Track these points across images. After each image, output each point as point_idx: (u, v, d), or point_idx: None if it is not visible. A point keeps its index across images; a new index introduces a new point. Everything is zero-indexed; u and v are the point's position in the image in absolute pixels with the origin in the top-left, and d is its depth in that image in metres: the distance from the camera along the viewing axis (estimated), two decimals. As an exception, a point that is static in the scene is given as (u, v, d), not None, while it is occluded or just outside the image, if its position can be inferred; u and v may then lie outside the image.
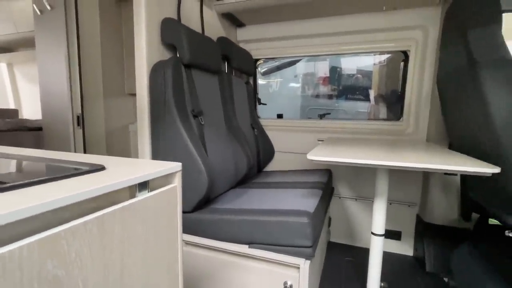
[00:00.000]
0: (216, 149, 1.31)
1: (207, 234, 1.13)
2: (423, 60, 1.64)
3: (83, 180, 0.41)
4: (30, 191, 0.35)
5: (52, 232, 0.32)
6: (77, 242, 0.35)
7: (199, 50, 1.28)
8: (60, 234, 0.33)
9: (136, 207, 0.44)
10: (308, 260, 1.00)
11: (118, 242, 0.41)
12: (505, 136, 0.90)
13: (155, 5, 1.18)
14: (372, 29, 1.72)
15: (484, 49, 0.96)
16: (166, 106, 1.14)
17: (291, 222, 1.00)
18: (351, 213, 1.85)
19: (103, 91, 1.80)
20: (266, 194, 1.33)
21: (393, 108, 2.10)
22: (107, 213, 0.38)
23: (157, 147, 1.17)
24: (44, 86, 1.55)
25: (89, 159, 0.56)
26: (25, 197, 0.33)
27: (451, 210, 1.53)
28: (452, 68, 1.17)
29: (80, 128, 1.54)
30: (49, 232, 0.32)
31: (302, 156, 1.94)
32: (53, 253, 0.32)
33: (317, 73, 2.97)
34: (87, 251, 0.36)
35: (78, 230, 0.35)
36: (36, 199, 0.32)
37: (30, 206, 0.30)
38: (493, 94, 0.91)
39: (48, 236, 0.31)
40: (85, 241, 0.36)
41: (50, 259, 0.32)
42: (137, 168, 0.50)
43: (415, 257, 1.68)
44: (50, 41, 1.48)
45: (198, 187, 1.10)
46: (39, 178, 0.38)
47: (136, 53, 1.16)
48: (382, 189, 1.07)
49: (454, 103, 1.20)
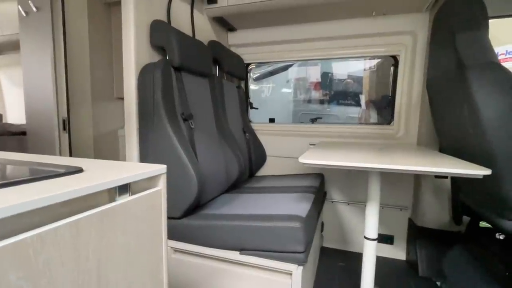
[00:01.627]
0: (207, 153, 1.29)
1: (197, 241, 1.09)
2: (413, 65, 1.66)
3: (57, 183, 0.38)
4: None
5: (16, 239, 0.29)
6: (46, 250, 0.32)
7: (189, 53, 1.26)
8: (26, 241, 0.30)
9: (116, 211, 0.41)
10: (300, 266, 0.97)
11: (94, 250, 0.38)
12: (494, 138, 0.90)
13: (144, 7, 1.16)
14: (362, 34, 1.74)
15: (472, 54, 0.98)
16: (155, 109, 1.11)
17: (283, 227, 0.97)
18: (344, 217, 1.84)
19: (91, 94, 1.76)
20: (257, 199, 1.30)
21: (383, 112, 2.11)
22: (82, 218, 0.36)
23: (146, 151, 1.14)
24: (28, 90, 1.50)
25: (69, 161, 0.53)
26: None
27: (443, 213, 1.53)
28: (441, 72, 1.18)
29: (66, 133, 1.50)
30: (12, 239, 0.29)
31: (294, 160, 1.92)
32: (17, 263, 0.29)
33: (309, 78, 2.99)
34: (58, 260, 0.33)
35: (48, 236, 0.32)
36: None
37: None
38: (482, 97, 0.91)
39: (11, 244, 0.28)
40: (55, 249, 0.33)
41: (13, 269, 0.29)
42: (118, 170, 0.47)
43: (408, 261, 1.67)
44: (36, 43, 1.45)
45: (188, 192, 1.07)
46: (5, 180, 0.35)
47: (124, 55, 1.13)
48: (374, 192, 1.06)
49: (444, 106, 1.21)
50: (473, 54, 0.97)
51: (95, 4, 1.78)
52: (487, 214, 1.07)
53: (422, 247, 1.54)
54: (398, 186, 1.71)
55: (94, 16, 1.76)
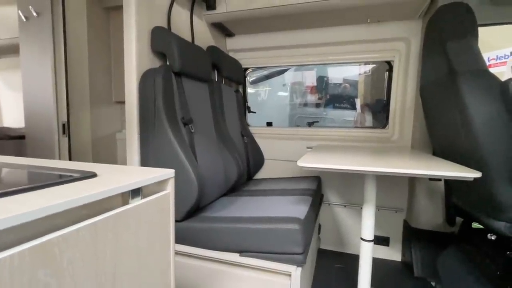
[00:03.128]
0: (206, 157, 1.31)
1: (197, 243, 1.11)
2: (406, 70, 1.70)
3: (76, 187, 0.40)
4: (21, 198, 0.34)
5: (44, 240, 0.31)
6: (70, 249, 0.34)
7: (189, 59, 1.29)
8: (53, 241, 0.32)
9: (129, 214, 0.43)
10: (299, 267, 1.00)
11: (111, 250, 0.40)
12: (485, 142, 0.94)
13: (145, 13, 1.19)
14: (357, 40, 1.78)
15: (462, 61, 1.02)
16: (156, 113, 1.13)
17: (282, 229, 1.00)
18: (340, 219, 1.87)
19: (90, 98, 1.77)
20: (256, 201, 1.32)
21: (378, 116, 2.16)
22: (100, 220, 0.38)
23: (146, 155, 1.16)
24: (28, 93, 1.51)
25: (80, 166, 0.55)
26: (17, 204, 0.32)
27: (437, 215, 1.57)
28: (433, 77, 1.22)
29: (66, 136, 1.50)
30: (41, 239, 0.31)
31: (292, 163, 1.95)
32: (45, 261, 0.31)
33: (305, 82, 3.03)
34: (80, 259, 0.35)
35: (71, 237, 0.34)
36: (28, 206, 0.31)
37: (21, 213, 0.29)
38: (472, 103, 0.95)
39: (40, 243, 0.31)
40: (78, 249, 0.35)
41: (42, 267, 0.31)
42: (129, 174, 0.49)
43: (403, 262, 1.71)
44: (36, 47, 1.46)
45: (188, 195, 1.09)
46: (30, 185, 0.37)
47: (126, 60, 1.15)
48: (370, 195, 1.09)
49: (436, 111, 1.25)
50: (464, 61, 1.02)
51: (94, 8, 1.80)
52: (479, 215, 1.11)
53: (417, 248, 1.57)
54: (393, 189, 1.75)
55: (93, 20, 1.78)
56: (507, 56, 2.52)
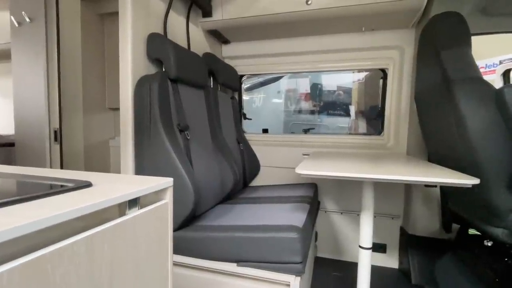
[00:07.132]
0: (202, 164, 1.29)
1: (193, 253, 1.08)
2: (401, 78, 1.73)
3: (71, 197, 0.38)
4: (11, 211, 0.32)
5: (36, 256, 0.29)
6: (63, 265, 0.32)
7: (185, 65, 1.28)
8: (45, 256, 0.30)
9: (127, 225, 0.41)
10: (298, 276, 0.98)
11: (107, 264, 0.38)
12: (480, 148, 0.95)
13: (141, 20, 1.18)
14: (352, 48, 1.81)
15: (456, 69, 1.03)
16: (152, 120, 1.11)
17: (280, 237, 0.98)
18: (337, 227, 1.86)
19: (83, 104, 1.74)
20: (253, 209, 1.31)
21: (372, 123, 2.17)
22: (96, 233, 0.36)
23: (141, 162, 1.13)
24: (19, 99, 1.47)
25: (73, 175, 0.53)
26: (6, 217, 0.30)
27: (433, 221, 1.57)
28: (428, 85, 1.24)
29: (57, 143, 1.47)
30: (32, 255, 0.29)
31: (288, 170, 1.94)
32: (36, 279, 0.29)
33: (299, 89, 3.05)
34: (74, 274, 0.33)
35: (66, 251, 0.32)
36: (18, 219, 0.29)
37: (11, 227, 0.27)
38: (467, 110, 0.96)
39: (31, 260, 0.28)
40: (72, 263, 0.33)
41: (33, 285, 0.29)
42: (125, 184, 0.47)
43: (401, 270, 1.70)
44: (28, 53, 1.43)
45: (184, 204, 1.06)
46: (21, 196, 0.34)
47: (121, 67, 1.14)
48: (368, 202, 1.09)
49: (431, 118, 1.26)
50: (458, 69, 1.03)
51: (88, 15, 1.78)
52: (475, 221, 1.11)
53: (414, 255, 1.57)
54: (390, 195, 1.75)
55: (87, 26, 1.76)
56: (495, 64, 2.59)
